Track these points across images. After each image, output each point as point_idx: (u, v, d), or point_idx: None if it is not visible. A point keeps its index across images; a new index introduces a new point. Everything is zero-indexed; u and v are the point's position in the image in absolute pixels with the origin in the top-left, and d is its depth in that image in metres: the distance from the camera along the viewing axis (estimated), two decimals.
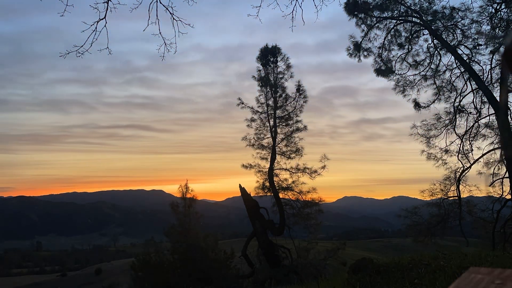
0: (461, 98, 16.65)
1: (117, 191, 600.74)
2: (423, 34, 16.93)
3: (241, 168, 19.38)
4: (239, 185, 18.08)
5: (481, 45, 15.78)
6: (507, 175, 14.65)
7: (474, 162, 16.41)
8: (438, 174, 17.19)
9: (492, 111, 15.40)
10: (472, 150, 16.63)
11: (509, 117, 14.23)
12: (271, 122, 18.86)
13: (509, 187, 14.51)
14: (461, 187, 16.38)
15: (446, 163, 16.90)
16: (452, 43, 15.89)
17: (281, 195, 18.70)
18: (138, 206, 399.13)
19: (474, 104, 16.43)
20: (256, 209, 17.92)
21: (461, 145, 16.70)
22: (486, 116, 16.27)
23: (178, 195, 18.57)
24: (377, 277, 7.06)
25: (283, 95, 18.97)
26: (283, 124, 19.02)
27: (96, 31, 6.71)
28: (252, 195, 18.27)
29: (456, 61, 16.26)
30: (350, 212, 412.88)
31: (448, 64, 16.78)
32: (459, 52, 15.87)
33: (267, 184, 18.68)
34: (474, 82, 15.68)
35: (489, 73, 15.81)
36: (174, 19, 7.08)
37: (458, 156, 16.71)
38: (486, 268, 1.00)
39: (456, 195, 16.37)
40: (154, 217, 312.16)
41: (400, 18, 16.92)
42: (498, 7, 15.00)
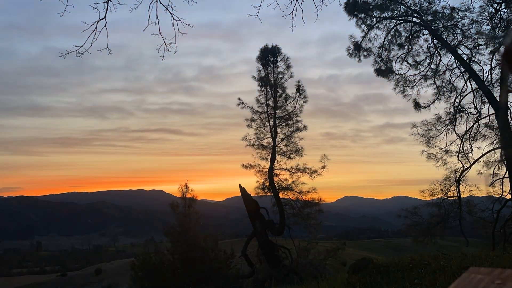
0: (461, 98, 16.65)
1: (117, 191, 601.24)
2: (423, 34, 16.93)
3: (241, 168, 19.41)
4: (239, 185, 18.09)
5: (481, 45, 15.78)
6: (507, 175, 14.65)
7: (474, 162, 16.41)
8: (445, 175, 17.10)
9: (492, 111, 15.39)
10: (472, 150, 16.63)
11: (509, 117, 14.24)
12: (271, 122, 18.86)
13: (509, 187, 14.51)
14: (461, 187, 16.38)
15: (446, 163, 16.91)
16: (452, 43, 15.89)
17: (281, 195, 18.71)
18: (138, 206, 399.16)
19: (474, 104, 16.43)
20: (256, 209, 17.92)
21: (461, 145, 16.70)
22: (486, 116, 16.26)
23: (178, 195, 18.58)
24: (377, 277, 7.06)
25: (283, 95, 18.98)
26: (283, 124, 19.02)
27: (96, 31, 6.71)
28: (252, 195, 18.27)
29: (456, 61, 16.25)
30: (350, 212, 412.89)
31: (448, 64, 16.79)
32: (459, 52, 15.87)
33: (267, 184, 18.68)
34: (474, 82, 15.67)
35: (489, 73, 15.81)
36: (174, 19, 7.08)
37: (458, 156, 16.71)
38: (486, 268, 1.00)
39: (456, 195, 16.36)
40: (154, 217, 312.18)
41: (400, 18, 16.92)
42: (498, 7, 15.00)
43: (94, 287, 59.56)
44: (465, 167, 16.49)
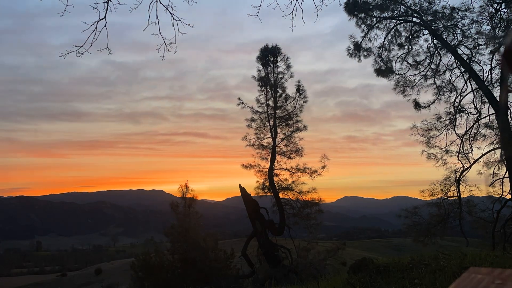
0: (461, 98, 16.65)
1: (117, 191, 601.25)
2: (423, 34, 16.93)
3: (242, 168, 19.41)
4: (239, 185, 18.07)
5: (481, 45, 15.78)
6: (507, 175, 14.65)
7: (474, 162, 16.41)
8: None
9: (492, 111, 15.40)
10: (472, 150, 16.64)
11: (509, 117, 14.24)
12: (271, 122, 18.86)
13: (509, 187, 14.51)
14: (461, 187, 16.38)
15: (446, 163, 16.91)
16: (452, 43, 15.89)
17: (281, 195, 18.70)
18: (138, 206, 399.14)
19: (474, 104, 16.44)
20: (256, 209, 17.91)
21: (461, 145, 16.70)
22: (486, 116, 16.27)
23: (178, 195, 18.58)
24: (377, 277, 7.06)
25: (283, 95, 18.97)
26: (283, 124, 19.02)
27: (96, 31, 6.72)
28: (252, 195, 18.27)
29: (456, 61, 16.25)
30: (350, 212, 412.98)
31: (448, 64, 16.79)
32: (459, 52, 15.87)
33: (267, 184, 18.68)
34: (474, 82, 15.68)
35: (489, 73, 15.81)
36: (174, 19, 7.09)
37: (458, 156, 16.71)
38: (486, 268, 1.00)
39: (456, 195, 16.37)
40: (154, 217, 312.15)
41: (400, 18, 16.92)
42: (498, 7, 15.00)
43: (94, 287, 59.57)
44: (465, 167, 16.49)
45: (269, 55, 18.96)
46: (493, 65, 15.62)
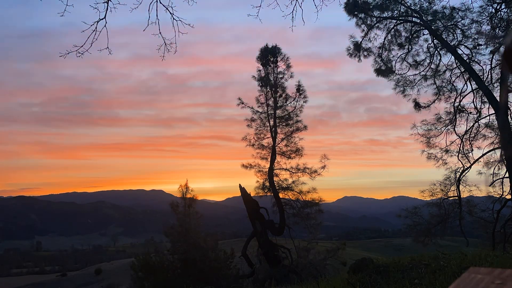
0: (461, 98, 16.65)
1: (117, 191, 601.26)
2: (423, 34, 16.93)
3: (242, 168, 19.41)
4: (239, 185, 18.08)
5: (481, 45, 15.79)
6: (507, 175, 14.64)
7: (474, 162, 16.42)
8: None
9: (492, 111, 15.40)
10: (472, 150, 16.64)
11: (509, 117, 14.25)
12: (271, 122, 18.86)
13: (509, 187, 14.51)
14: (461, 187, 16.38)
15: (446, 163, 16.92)
16: (452, 43, 15.89)
17: (281, 195, 18.71)
18: (138, 206, 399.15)
19: (474, 104, 16.44)
20: (256, 209, 17.91)
21: (461, 145, 16.71)
22: (486, 116, 16.27)
23: (178, 195, 18.57)
24: (377, 277, 7.06)
25: (283, 95, 18.97)
26: (283, 124, 19.02)
27: (96, 31, 6.72)
28: (252, 195, 18.27)
29: (456, 61, 16.26)
30: (350, 212, 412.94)
31: (448, 64, 16.79)
32: (459, 52, 15.87)
33: (267, 184, 18.68)
34: (474, 82, 15.68)
35: (489, 73, 15.81)
36: (174, 19, 7.09)
37: (458, 156, 16.71)
38: (486, 268, 1.00)
39: (456, 195, 16.37)
40: (154, 217, 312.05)
41: (400, 18, 16.92)
42: (498, 7, 15.00)
43: (94, 287, 59.58)
44: (465, 167, 16.49)
45: (269, 55, 18.96)
46: (493, 65, 15.63)
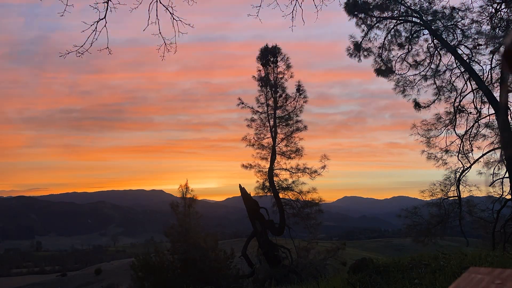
0: (461, 98, 16.64)
1: (117, 191, 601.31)
2: (423, 34, 16.93)
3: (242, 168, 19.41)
4: (239, 185, 18.08)
5: (481, 45, 15.78)
6: (507, 175, 14.65)
7: (474, 162, 16.41)
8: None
9: (492, 111, 15.40)
10: (472, 150, 16.64)
11: (509, 117, 14.24)
12: (271, 122, 18.86)
13: (509, 187, 14.51)
14: (461, 187, 16.38)
15: (446, 163, 16.92)
16: (452, 43, 15.89)
17: (281, 195, 18.71)
18: (138, 206, 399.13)
19: (474, 104, 16.43)
20: (256, 209, 17.92)
21: (461, 145, 16.70)
22: (486, 116, 16.26)
23: (178, 195, 18.58)
24: (377, 277, 7.06)
25: (283, 95, 18.97)
26: (283, 124, 19.02)
27: (96, 31, 6.72)
28: (252, 195, 18.27)
29: (456, 61, 16.25)
30: (350, 212, 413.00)
31: (448, 64, 16.78)
32: (459, 52, 15.87)
33: (267, 184, 18.68)
34: (474, 82, 15.68)
35: (489, 73, 15.81)
36: (174, 19, 7.09)
37: (458, 156, 16.71)
38: (486, 268, 1.00)
39: (456, 195, 16.37)
40: (154, 217, 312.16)
41: (400, 18, 16.92)
42: (498, 7, 15.00)
43: (94, 287, 59.58)
44: (465, 167, 16.49)
45: (269, 55, 18.96)
46: (493, 65, 15.62)
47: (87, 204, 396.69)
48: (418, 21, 16.40)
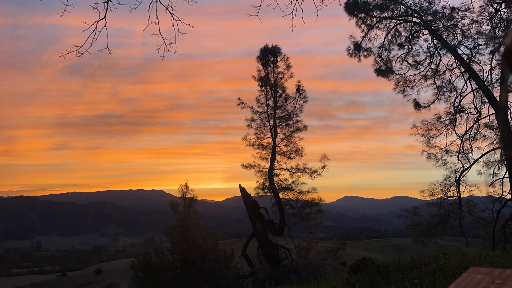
0: (461, 98, 16.66)
1: (117, 191, 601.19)
2: (423, 34, 16.93)
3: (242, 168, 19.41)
4: (239, 185, 18.08)
5: (481, 45, 15.79)
6: (507, 175, 14.65)
7: (474, 162, 16.43)
8: None
9: (492, 111, 15.40)
10: (472, 150, 16.65)
11: (509, 117, 14.24)
12: (271, 122, 18.86)
13: (509, 187, 14.52)
14: (461, 187, 16.40)
15: (446, 163, 16.93)
16: (452, 43, 15.89)
17: (281, 195, 18.71)
18: (138, 206, 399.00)
19: (474, 104, 16.44)
20: (256, 209, 17.91)
21: (461, 145, 16.71)
22: (486, 116, 16.28)
23: (178, 195, 18.57)
24: (377, 277, 7.06)
25: (283, 95, 18.97)
26: (283, 124, 19.02)
27: (96, 31, 6.72)
28: (252, 195, 18.27)
29: (456, 61, 16.26)
30: (350, 212, 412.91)
31: (448, 64, 16.79)
32: (459, 52, 15.88)
33: (267, 184, 18.68)
34: (474, 82, 15.68)
35: (489, 73, 15.82)
36: (174, 19, 7.09)
37: (458, 156, 16.72)
38: (486, 268, 1.00)
39: (456, 195, 16.38)
40: (154, 217, 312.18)
41: (400, 18, 16.92)
42: (498, 7, 15.01)
43: (94, 287, 59.57)
44: (465, 167, 16.50)
45: (269, 55, 18.97)
46: (493, 65, 15.63)
47: (87, 204, 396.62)
48: (418, 21, 16.40)
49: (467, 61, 15.71)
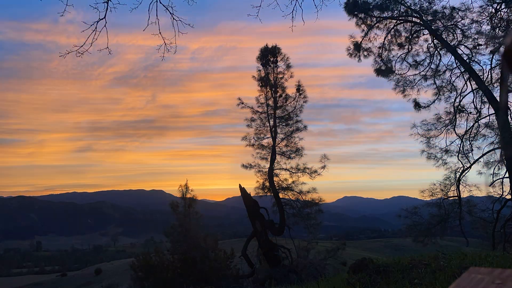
0: (461, 98, 16.66)
1: (117, 191, 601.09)
2: (423, 34, 16.93)
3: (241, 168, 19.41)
4: (239, 185, 18.07)
5: (481, 45, 15.78)
6: (507, 175, 14.65)
7: (474, 162, 16.42)
8: None
9: (492, 111, 15.40)
10: (472, 150, 16.65)
11: (509, 117, 14.24)
12: (271, 122, 18.86)
13: (509, 187, 14.51)
14: (461, 187, 16.39)
15: (446, 163, 16.92)
16: (452, 43, 15.89)
17: (281, 195, 18.70)
18: (138, 206, 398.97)
19: (474, 104, 16.44)
20: (256, 209, 17.91)
21: (461, 145, 16.71)
22: (486, 116, 16.28)
23: (178, 195, 18.57)
24: (377, 277, 7.06)
25: (283, 95, 18.97)
26: (283, 124, 19.02)
27: (96, 31, 6.72)
28: (252, 195, 18.26)
29: (456, 61, 16.26)
30: (350, 212, 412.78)
31: (448, 64, 16.80)
32: (459, 52, 15.87)
33: (267, 184, 18.68)
34: (474, 82, 15.68)
35: (489, 73, 15.81)
36: (174, 19, 7.09)
37: (458, 156, 16.72)
38: (486, 268, 1.00)
39: (456, 195, 16.37)
40: (154, 217, 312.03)
41: (400, 18, 16.92)
42: (498, 7, 15.00)
43: (94, 287, 59.55)
44: (465, 167, 16.50)
45: (269, 55, 18.96)
46: (493, 65, 15.63)
47: (87, 204, 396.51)
48: (418, 21, 16.40)
49: (467, 61, 15.71)
